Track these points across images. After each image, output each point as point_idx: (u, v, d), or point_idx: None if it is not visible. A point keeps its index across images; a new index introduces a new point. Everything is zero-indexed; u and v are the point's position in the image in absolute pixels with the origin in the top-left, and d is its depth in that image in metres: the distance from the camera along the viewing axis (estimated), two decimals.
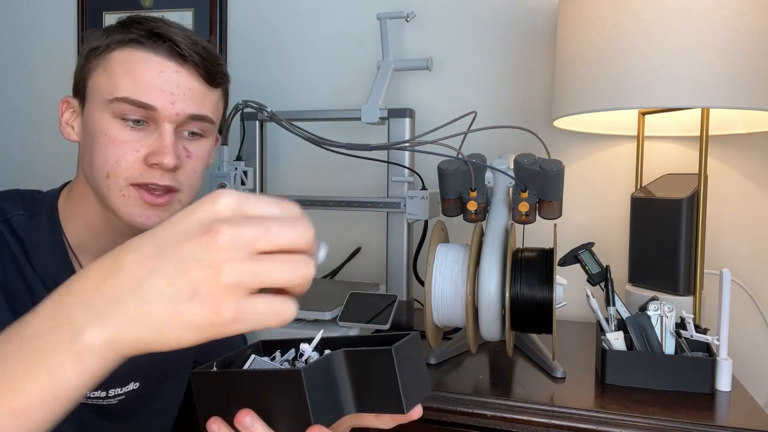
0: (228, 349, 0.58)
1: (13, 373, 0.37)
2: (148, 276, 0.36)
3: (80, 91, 0.71)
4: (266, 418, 0.42)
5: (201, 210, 0.37)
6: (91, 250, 0.74)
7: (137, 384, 0.77)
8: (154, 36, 0.68)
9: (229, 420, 0.44)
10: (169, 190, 0.69)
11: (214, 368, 0.49)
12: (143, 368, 0.77)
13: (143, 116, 0.67)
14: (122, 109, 0.66)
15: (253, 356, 0.53)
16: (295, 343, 0.52)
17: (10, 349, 0.38)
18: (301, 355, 0.49)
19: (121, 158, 0.66)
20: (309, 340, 0.50)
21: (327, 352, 0.47)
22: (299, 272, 0.36)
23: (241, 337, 0.90)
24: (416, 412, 0.45)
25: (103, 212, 0.72)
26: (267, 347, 0.55)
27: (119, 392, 0.75)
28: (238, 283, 0.35)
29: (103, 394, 0.74)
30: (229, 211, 0.37)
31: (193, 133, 0.71)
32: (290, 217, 0.38)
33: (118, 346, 0.36)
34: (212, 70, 0.70)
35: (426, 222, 1.19)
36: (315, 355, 0.49)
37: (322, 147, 1.05)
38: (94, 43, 0.70)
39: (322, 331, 0.52)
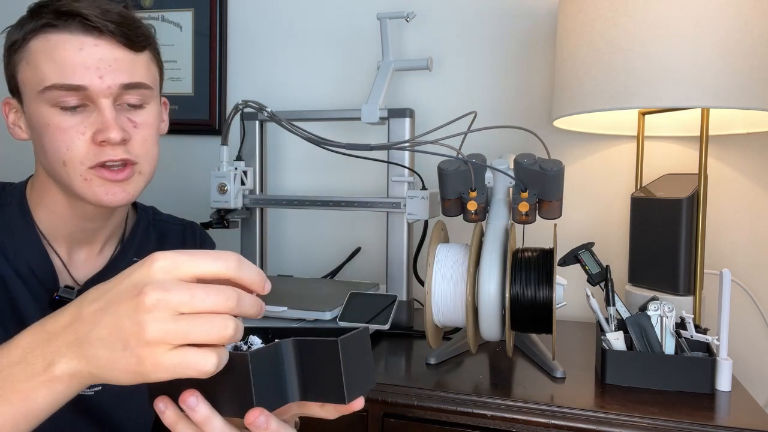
0: None
1: None
2: (96, 326, 0.43)
3: (14, 89, 0.71)
4: (211, 399, 0.44)
5: (137, 272, 0.43)
6: (62, 236, 0.75)
7: None
8: (63, 15, 0.67)
9: (177, 401, 0.46)
10: (125, 163, 0.69)
11: None
12: None
13: (78, 100, 0.67)
14: (55, 97, 0.66)
15: None
16: (249, 332, 0.53)
17: None
18: (251, 345, 0.50)
19: (71, 143, 0.67)
20: (262, 330, 0.51)
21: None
22: (214, 332, 0.41)
23: None
24: (357, 404, 0.47)
25: (67, 200, 0.73)
26: None
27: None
28: (160, 339, 0.40)
29: None
30: (161, 274, 0.42)
31: (132, 105, 0.71)
32: (218, 284, 0.42)
33: (79, 377, 0.44)
34: (131, 35, 0.69)
35: (426, 222, 1.19)
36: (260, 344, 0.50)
37: (322, 147, 1.05)
38: (11, 38, 0.70)
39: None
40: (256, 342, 0.51)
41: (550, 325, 0.83)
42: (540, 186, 0.88)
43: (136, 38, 0.69)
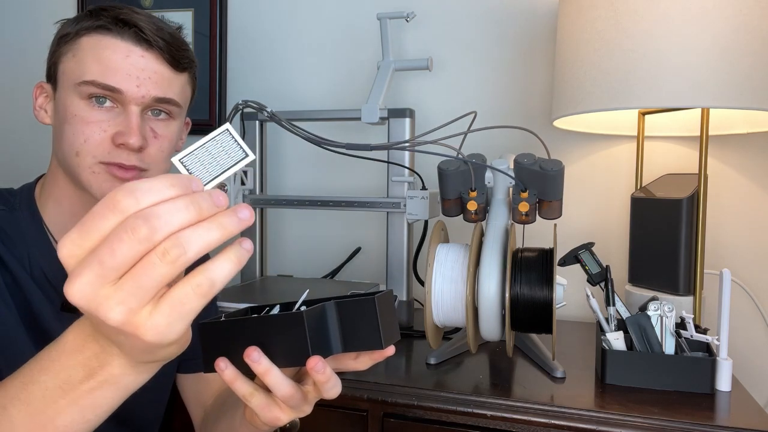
0: None
1: None
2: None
3: (52, 75, 0.74)
4: (267, 354, 0.50)
5: None
6: None
7: None
8: (120, 22, 0.70)
9: (233, 361, 0.51)
10: (136, 169, 0.71)
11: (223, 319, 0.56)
12: None
13: (110, 97, 0.70)
14: (90, 92, 0.69)
15: (249, 311, 0.61)
16: (281, 304, 0.59)
17: None
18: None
19: (90, 137, 0.69)
20: (293, 304, 0.57)
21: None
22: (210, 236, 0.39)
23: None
24: (390, 350, 0.53)
25: (77, 193, 0.74)
26: (255, 311, 0.62)
27: None
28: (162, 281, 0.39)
29: None
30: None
31: (160, 112, 0.74)
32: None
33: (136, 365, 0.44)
34: (177, 55, 0.73)
35: (426, 222, 1.19)
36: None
37: (322, 147, 1.05)
38: (64, 30, 0.73)
39: (307, 290, 0.61)
40: (275, 310, 0.57)
41: (550, 325, 0.83)
42: (540, 186, 0.88)
43: (180, 59, 0.73)
